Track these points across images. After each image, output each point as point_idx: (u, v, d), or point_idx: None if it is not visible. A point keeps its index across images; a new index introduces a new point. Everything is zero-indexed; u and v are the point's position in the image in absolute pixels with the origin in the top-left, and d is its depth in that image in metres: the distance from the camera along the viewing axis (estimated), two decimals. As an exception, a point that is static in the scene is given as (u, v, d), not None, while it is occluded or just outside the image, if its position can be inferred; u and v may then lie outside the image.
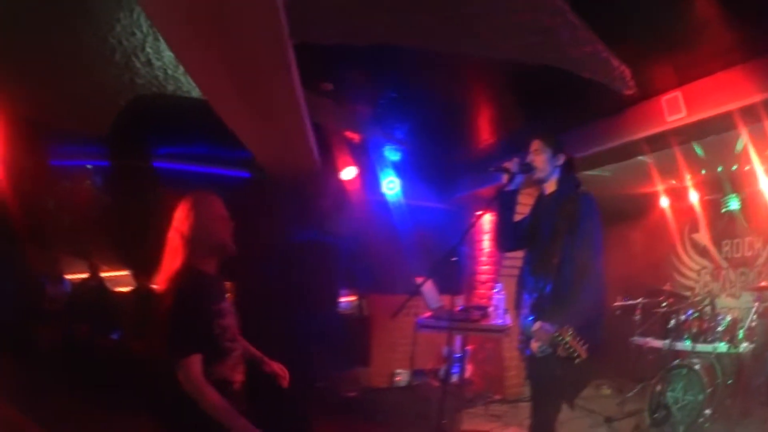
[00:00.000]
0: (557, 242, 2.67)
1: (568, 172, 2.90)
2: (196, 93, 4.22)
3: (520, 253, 3.03)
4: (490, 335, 5.19)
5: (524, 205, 3.11)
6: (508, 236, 3.01)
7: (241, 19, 2.58)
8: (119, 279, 6.89)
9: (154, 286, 5.64)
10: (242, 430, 2.05)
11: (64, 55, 4.02)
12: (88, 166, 6.44)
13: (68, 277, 7.00)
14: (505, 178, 2.91)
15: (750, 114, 3.65)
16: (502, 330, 3.73)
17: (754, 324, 4.70)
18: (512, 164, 2.88)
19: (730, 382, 4.67)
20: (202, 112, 3.66)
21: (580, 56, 3.49)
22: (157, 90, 4.29)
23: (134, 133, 5.19)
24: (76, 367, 5.75)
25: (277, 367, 2.57)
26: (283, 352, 2.69)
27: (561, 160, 2.87)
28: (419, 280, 2.99)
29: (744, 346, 4.62)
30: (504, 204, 2.99)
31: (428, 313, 3.90)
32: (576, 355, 2.44)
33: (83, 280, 6.71)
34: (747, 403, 4.69)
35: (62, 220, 6.69)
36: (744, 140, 4.49)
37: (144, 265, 5.63)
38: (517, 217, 3.07)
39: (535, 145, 2.89)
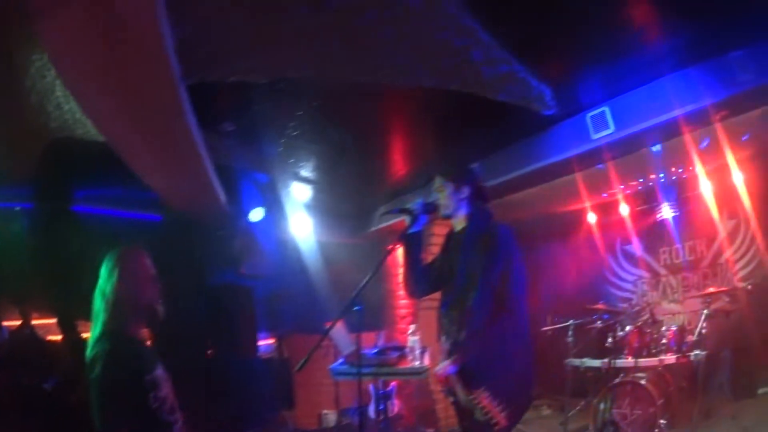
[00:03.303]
0: (471, 282, 2.47)
1: (478, 204, 2.70)
2: (103, 136, 4.06)
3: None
4: (407, 379, 5.00)
5: (440, 237, 2.94)
6: (417, 280, 2.79)
7: (132, 63, 2.49)
8: (51, 326, 6.62)
9: (83, 337, 5.46)
10: None
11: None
12: (17, 209, 6.20)
13: (6, 324, 6.70)
14: (406, 220, 2.73)
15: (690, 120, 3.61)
16: (419, 372, 3.54)
17: (704, 331, 4.56)
18: (414, 205, 2.71)
19: (684, 386, 4.58)
20: (113, 155, 3.53)
21: (495, 78, 3.43)
22: (68, 134, 4.12)
23: (53, 176, 5.02)
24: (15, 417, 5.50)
25: None
26: (207, 400, 2.57)
27: (466, 192, 2.67)
28: (328, 324, 2.82)
29: (696, 354, 4.48)
30: (409, 247, 2.78)
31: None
32: (494, 422, 2.24)
33: (17, 327, 6.43)
34: (708, 403, 4.62)
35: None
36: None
37: (71, 313, 5.40)
38: (431, 257, 2.87)
39: (436, 181, 2.72)
